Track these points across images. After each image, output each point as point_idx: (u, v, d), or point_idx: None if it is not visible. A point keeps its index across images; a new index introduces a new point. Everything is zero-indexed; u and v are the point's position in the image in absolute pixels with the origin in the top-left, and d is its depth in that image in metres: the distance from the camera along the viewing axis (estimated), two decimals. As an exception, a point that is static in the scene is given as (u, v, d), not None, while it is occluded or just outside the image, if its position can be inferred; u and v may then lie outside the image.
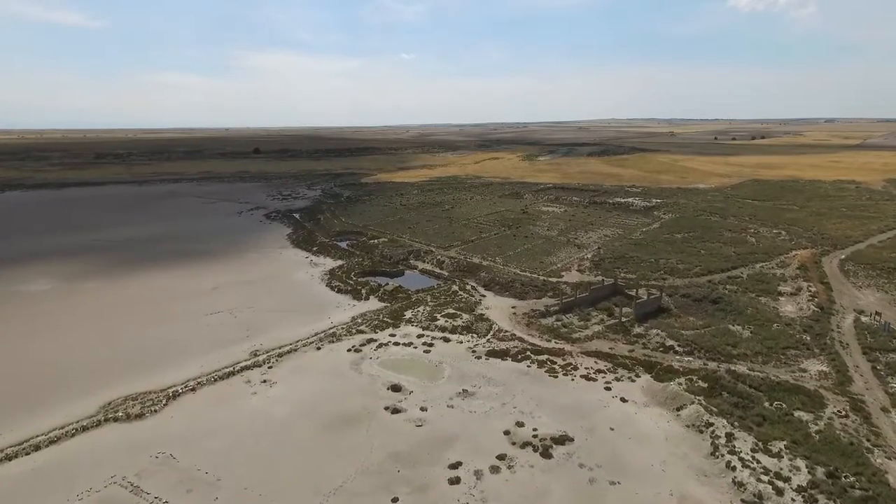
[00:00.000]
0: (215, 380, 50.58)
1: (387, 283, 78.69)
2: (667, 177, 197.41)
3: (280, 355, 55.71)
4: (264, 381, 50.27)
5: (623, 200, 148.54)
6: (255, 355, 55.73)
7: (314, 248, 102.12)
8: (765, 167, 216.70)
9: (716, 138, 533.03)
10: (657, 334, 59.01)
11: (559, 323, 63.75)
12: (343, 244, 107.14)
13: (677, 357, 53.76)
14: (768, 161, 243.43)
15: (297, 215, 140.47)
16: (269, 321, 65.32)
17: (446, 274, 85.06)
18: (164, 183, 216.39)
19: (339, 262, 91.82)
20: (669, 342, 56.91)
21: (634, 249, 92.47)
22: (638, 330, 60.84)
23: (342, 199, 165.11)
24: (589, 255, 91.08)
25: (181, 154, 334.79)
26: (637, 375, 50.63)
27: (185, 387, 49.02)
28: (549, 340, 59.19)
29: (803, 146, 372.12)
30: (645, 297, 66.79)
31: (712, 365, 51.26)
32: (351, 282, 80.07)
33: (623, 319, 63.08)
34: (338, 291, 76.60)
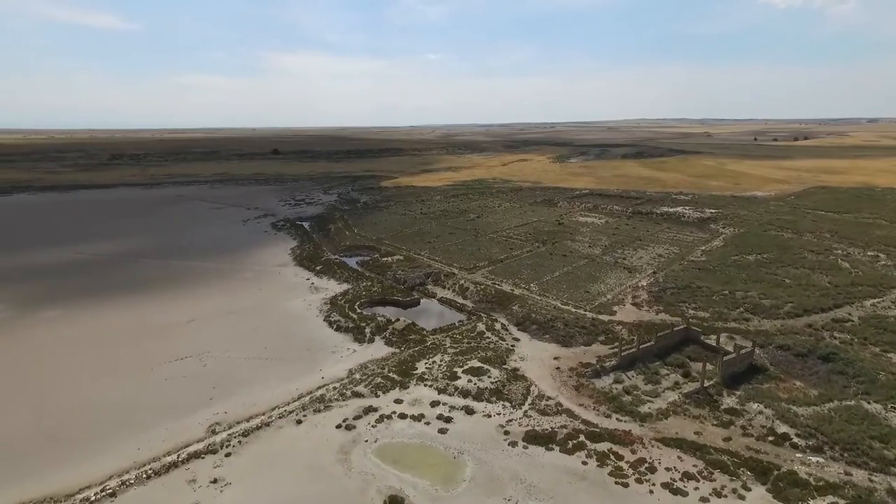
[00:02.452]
0: (149, 476, 36.50)
1: (397, 319, 63.93)
2: (716, 182, 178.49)
3: (246, 433, 41.45)
4: (214, 481, 35.97)
5: (671, 210, 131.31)
6: (214, 432, 41.59)
7: (318, 267, 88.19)
8: (826, 172, 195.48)
9: (756, 139, 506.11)
10: (760, 412, 42.92)
11: (619, 386, 48.08)
12: (352, 262, 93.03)
13: (799, 455, 37.63)
14: (828, 165, 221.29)
15: (306, 224, 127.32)
16: (243, 374, 51.30)
17: (471, 306, 69.97)
18: (175, 185, 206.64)
19: (344, 287, 77.62)
20: (781, 427, 40.78)
21: (700, 276, 75.93)
22: (729, 401, 44.86)
23: (358, 206, 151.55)
24: (644, 283, 74.93)
25: (198, 155, 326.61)
26: (746, 487, 34.73)
27: (103, 490, 35.02)
28: (609, 416, 43.64)
29: (857, 148, 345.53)
30: (733, 352, 50.53)
31: (860, 475, 35.06)
32: (354, 315, 65.67)
33: (706, 384, 47.12)
34: (336, 329, 62.27)
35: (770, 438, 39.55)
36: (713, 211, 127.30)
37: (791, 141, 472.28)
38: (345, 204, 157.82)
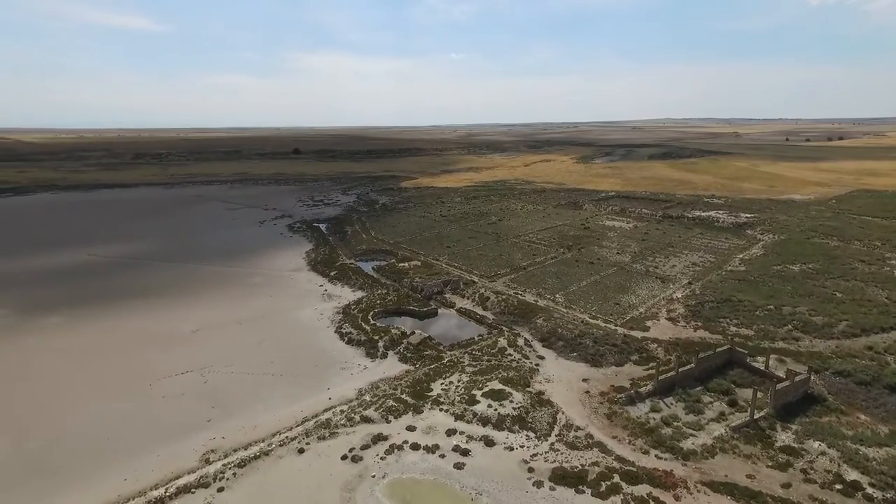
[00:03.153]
0: (132, 514, 32.89)
1: (412, 333, 59.68)
2: (749, 185, 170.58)
3: (242, 463, 37.59)
4: (203, 523, 32.18)
5: (704, 214, 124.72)
6: (208, 462, 37.88)
7: (332, 273, 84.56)
8: (868, 174, 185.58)
9: (787, 139, 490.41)
10: (822, 452, 37.54)
11: (657, 416, 43.09)
12: (368, 267, 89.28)
13: (874, 509, 32.31)
14: (870, 167, 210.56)
15: (323, 226, 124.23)
16: (245, 392, 47.66)
17: (491, 318, 65.38)
18: (195, 185, 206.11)
19: (359, 295, 73.81)
20: (849, 472, 35.37)
21: (741, 288, 70.12)
22: (785, 438, 39.55)
23: (376, 208, 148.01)
24: (679, 295, 69.44)
25: (219, 154, 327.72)
26: (814, 549, 29.61)
27: (80, 531, 31.52)
28: (647, 451, 38.70)
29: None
30: (786, 378, 45.07)
31: (953, 540, 29.66)
32: (367, 327, 61.68)
33: (756, 416, 41.81)
34: (348, 342, 58.34)
35: (837, 486, 34.22)
36: (749, 215, 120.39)
37: (825, 141, 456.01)
38: (363, 205, 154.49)
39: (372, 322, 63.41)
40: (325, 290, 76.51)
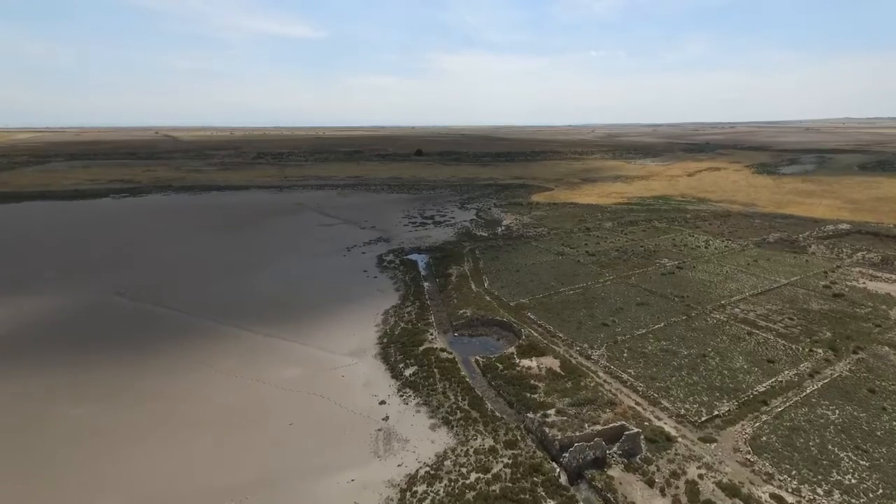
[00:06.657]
0: None
1: None
2: None
3: None
4: None
5: None
6: None
7: (409, 371, 50.93)
8: None
9: None
10: None
11: None
12: (470, 356, 54.50)
13: None
14: None
15: (422, 262, 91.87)
16: None
17: None
18: (303, 189, 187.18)
19: (440, 444, 39.10)
20: None
21: None
22: None
23: (497, 234, 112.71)
24: None
25: (340, 155, 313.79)
26: None
27: None
28: None
29: None
30: None
31: None
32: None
33: None
34: None
35: None
36: None
37: None
38: (481, 227, 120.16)
39: (450, 568, 27.96)
40: (386, 419, 42.78)
